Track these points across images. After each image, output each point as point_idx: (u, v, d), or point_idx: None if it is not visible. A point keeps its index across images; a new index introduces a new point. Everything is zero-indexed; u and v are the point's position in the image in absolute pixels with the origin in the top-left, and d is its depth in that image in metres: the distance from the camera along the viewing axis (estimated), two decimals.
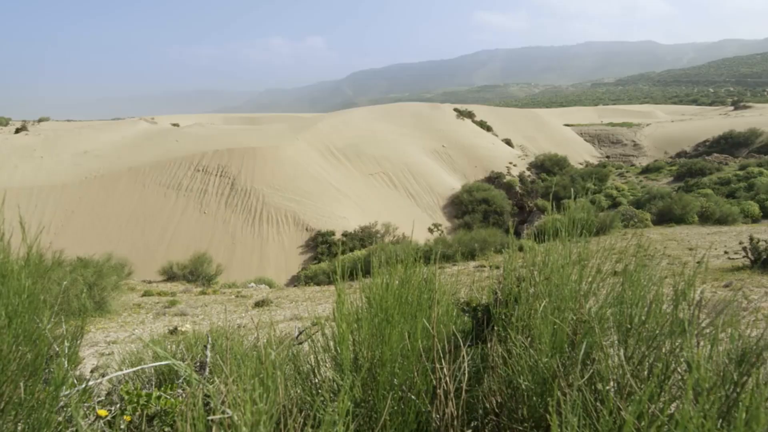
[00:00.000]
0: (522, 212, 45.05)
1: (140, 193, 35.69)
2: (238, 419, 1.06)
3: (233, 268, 27.59)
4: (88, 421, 2.44)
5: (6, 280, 1.53)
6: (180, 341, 3.83)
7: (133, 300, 15.58)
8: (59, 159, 40.21)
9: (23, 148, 42.28)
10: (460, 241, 21.58)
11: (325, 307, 13.61)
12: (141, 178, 37.11)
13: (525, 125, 68.67)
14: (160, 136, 48.37)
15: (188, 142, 44.34)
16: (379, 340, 1.64)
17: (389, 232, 32.83)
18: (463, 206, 42.00)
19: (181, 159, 38.90)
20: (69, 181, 36.21)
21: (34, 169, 37.78)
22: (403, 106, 66.72)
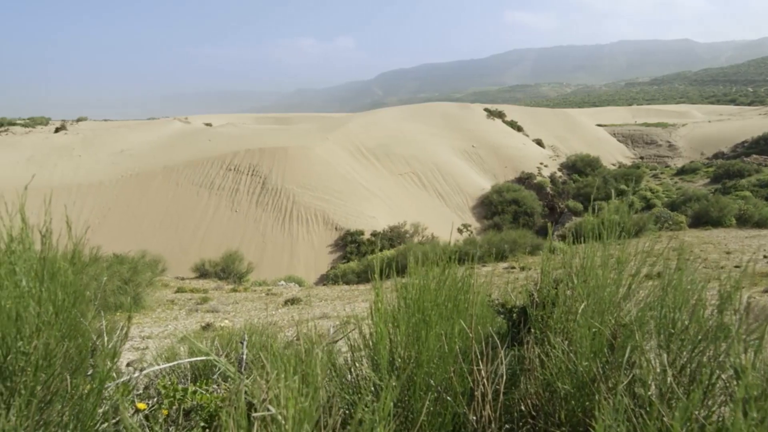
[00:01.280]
0: (553, 213, 44.49)
1: (174, 191, 36.37)
2: (281, 416, 1.07)
3: (264, 266, 27.90)
4: (128, 414, 2.49)
5: (54, 277, 1.58)
6: (214, 337, 3.88)
7: (167, 296, 15.88)
8: (97, 158, 41.24)
9: (62, 148, 43.51)
10: (489, 242, 21.42)
11: (354, 306, 13.66)
12: (175, 176, 37.82)
13: (556, 125, 67.78)
14: (193, 135, 49.21)
15: (220, 141, 45.01)
16: (416, 340, 1.64)
17: (418, 232, 32.77)
18: (493, 207, 41.68)
19: (214, 158, 39.51)
20: (106, 179, 37.12)
21: (73, 167, 38.82)
22: (433, 106, 66.53)
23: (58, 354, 1.61)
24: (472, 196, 43.77)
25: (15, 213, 1.65)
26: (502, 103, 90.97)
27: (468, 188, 44.60)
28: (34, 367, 1.50)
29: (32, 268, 1.54)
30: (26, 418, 1.38)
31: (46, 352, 1.56)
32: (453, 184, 44.58)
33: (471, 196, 43.77)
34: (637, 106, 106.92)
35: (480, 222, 40.93)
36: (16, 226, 1.61)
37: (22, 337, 1.49)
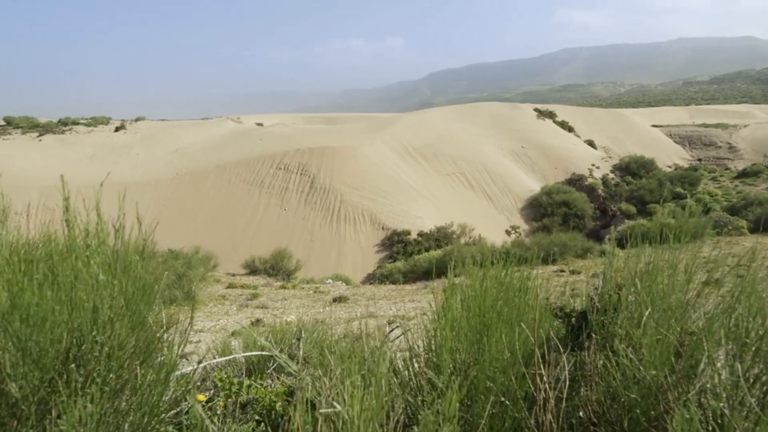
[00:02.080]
0: (604, 216, 43.33)
1: (226, 189, 37.27)
2: (346, 414, 1.08)
3: (311, 264, 28.23)
4: (188, 405, 2.57)
5: (126, 270, 1.64)
6: (268, 333, 3.95)
7: (218, 291, 16.27)
8: (153, 156, 42.69)
9: (122, 146, 45.26)
10: (538, 244, 21.07)
11: (400, 306, 13.65)
12: (227, 175, 38.75)
13: (609, 126, 65.93)
14: (245, 135, 50.28)
15: (271, 141, 45.84)
16: (476, 342, 1.63)
17: (465, 233, 32.51)
18: (542, 208, 40.94)
19: (264, 157, 40.27)
20: (161, 177, 38.36)
21: (132, 165, 40.30)
22: (482, 106, 65.87)
23: (128, 344, 1.68)
24: (520, 198, 43.13)
25: (91, 209, 1.72)
26: (552, 103, 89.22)
27: (516, 189, 43.96)
28: (106, 356, 1.57)
29: (106, 261, 1.60)
30: (100, 405, 1.44)
31: (118, 342, 1.62)
32: (501, 185, 44.03)
33: (519, 198, 43.12)
34: (695, 106, 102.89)
35: (528, 224, 40.29)
36: (92, 221, 1.68)
37: (97, 327, 1.55)
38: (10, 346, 1.38)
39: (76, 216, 1.62)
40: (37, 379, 1.45)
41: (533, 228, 38.76)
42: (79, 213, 1.67)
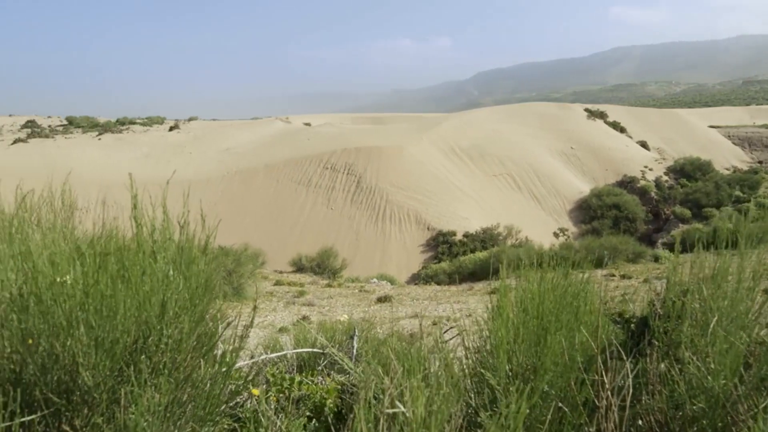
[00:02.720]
0: (657, 220, 41.96)
1: (274, 188, 37.94)
2: (410, 415, 1.09)
3: (356, 264, 28.40)
4: (243, 398, 2.63)
5: (190, 266, 1.69)
6: (319, 330, 3.99)
7: (266, 288, 16.57)
8: (205, 156, 43.85)
9: (175, 145, 46.68)
10: (587, 247, 20.58)
11: (446, 307, 13.59)
12: (275, 174, 39.43)
13: (663, 126, 63.73)
14: (294, 135, 51.04)
15: (319, 141, 46.38)
16: (534, 346, 1.60)
17: (512, 235, 32.09)
18: (592, 211, 39.99)
19: (312, 157, 40.78)
20: (213, 176, 39.36)
21: (184, 164, 41.49)
22: (530, 106, 64.83)
23: (191, 338, 1.73)
24: (569, 200, 42.24)
25: (147, 206, 1.78)
26: (603, 103, 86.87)
27: (565, 191, 43.08)
28: (171, 349, 1.62)
29: (172, 257, 1.66)
30: (166, 396, 1.50)
31: (182, 336, 1.68)
32: (549, 186, 43.24)
33: (568, 200, 42.25)
34: (756, 106, 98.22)
35: (577, 226, 39.43)
36: (157, 217, 1.75)
37: (164, 320, 1.61)
38: (83, 336, 1.45)
39: (143, 212, 1.68)
40: (107, 369, 1.51)
41: (582, 231, 37.90)
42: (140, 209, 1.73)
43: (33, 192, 2.13)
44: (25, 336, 1.47)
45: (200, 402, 1.73)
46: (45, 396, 1.48)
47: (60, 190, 2.28)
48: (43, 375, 1.52)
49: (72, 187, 2.40)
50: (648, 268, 17.83)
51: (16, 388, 1.50)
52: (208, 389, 1.74)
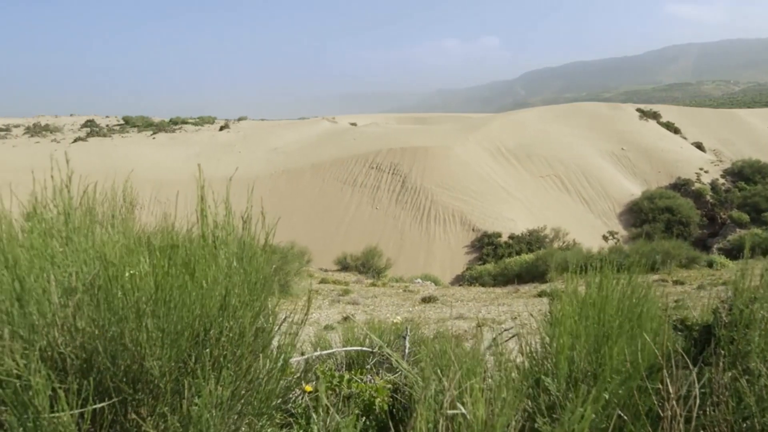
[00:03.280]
0: (712, 224, 40.37)
1: (320, 187, 38.38)
2: (472, 417, 1.08)
3: (400, 263, 28.41)
4: (294, 394, 2.67)
5: (251, 260, 1.73)
6: (368, 329, 4.01)
7: (312, 286, 16.77)
8: (254, 155, 44.75)
9: (225, 144, 47.81)
10: (638, 251, 20.00)
11: (491, 309, 13.46)
12: (321, 173, 39.88)
13: (720, 127, 61.24)
14: (339, 135, 51.49)
15: (364, 140, 46.64)
16: (595, 352, 1.57)
17: (559, 238, 31.51)
18: (643, 214, 38.84)
19: (357, 156, 41.05)
20: (261, 174, 40.09)
21: (234, 163, 42.42)
22: (580, 106, 63.40)
23: (249, 332, 1.77)
24: (619, 202, 41.16)
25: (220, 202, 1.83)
26: (657, 103, 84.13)
27: (615, 193, 41.99)
28: (232, 342, 1.67)
29: (234, 252, 1.70)
30: (228, 388, 1.54)
31: (242, 329, 1.72)
32: (599, 188, 42.22)
33: (618, 202, 41.17)
34: None
35: (627, 230, 38.37)
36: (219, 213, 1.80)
37: (227, 314, 1.65)
38: (151, 327, 1.50)
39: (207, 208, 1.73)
40: (172, 360, 1.56)
41: (632, 234, 36.87)
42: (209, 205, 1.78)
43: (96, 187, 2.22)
44: (98, 325, 1.53)
45: (258, 395, 1.76)
46: (113, 384, 1.55)
47: (122, 187, 2.36)
48: (113, 364, 1.58)
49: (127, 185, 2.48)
50: (702, 273, 17.22)
51: (88, 375, 1.57)
52: (265, 383, 1.78)
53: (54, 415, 1.36)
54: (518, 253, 27.58)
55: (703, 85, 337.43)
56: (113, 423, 1.60)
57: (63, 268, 1.60)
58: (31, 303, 1.48)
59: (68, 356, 1.55)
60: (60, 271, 1.60)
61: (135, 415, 1.51)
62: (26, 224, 1.72)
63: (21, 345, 1.43)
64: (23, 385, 1.39)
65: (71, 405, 1.38)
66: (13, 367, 1.37)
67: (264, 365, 1.79)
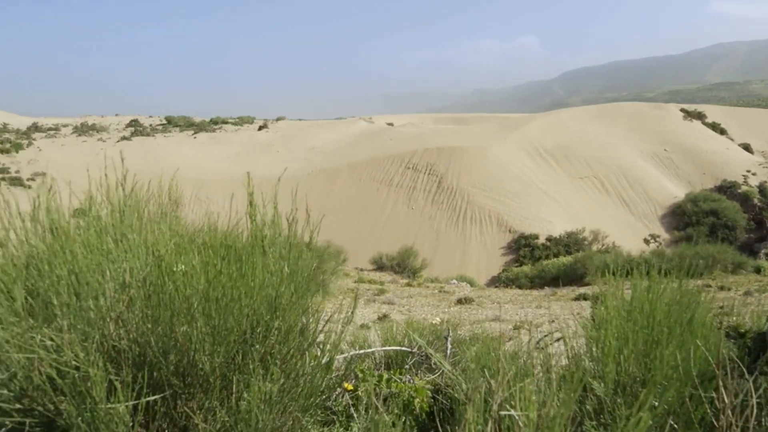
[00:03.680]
0: (760, 228, 38.95)
1: (357, 187, 38.57)
2: (523, 421, 1.07)
3: (436, 264, 28.33)
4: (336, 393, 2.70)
5: (298, 260, 1.76)
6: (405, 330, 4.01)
7: (348, 285, 16.86)
8: (292, 154, 45.27)
9: (264, 144, 48.50)
10: (681, 255, 19.47)
11: (528, 311, 13.30)
12: (358, 173, 40.07)
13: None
14: (376, 135, 51.64)
15: (401, 140, 46.66)
16: (644, 357, 1.53)
17: (598, 240, 30.91)
18: (686, 217, 37.76)
19: (394, 156, 41.10)
20: (298, 174, 40.51)
21: (272, 162, 43.01)
22: (620, 106, 62.00)
23: (295, 330, 1.80)
24: (661, 205, 40.12)
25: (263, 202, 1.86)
26: (701, 103, 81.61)
27: (657, 196, 40.95)
28: (279, 340, 1.70)
29: (281, 252, 1.73)
30: (276, 385, 1.56)
31: (287, 328, 1.75)
32: (640, 190, 41.26)
33: (660, 205, 40.14)
34: None
35: (669, 233, 37.36)
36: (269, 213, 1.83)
37: (276, 312, 1.68)
38: (202, 323, 1.54)
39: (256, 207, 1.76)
40: (222, 356, 1.60)
41: (675, 238, 35.90)
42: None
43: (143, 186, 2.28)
44: (150, 320, 1.58)
45: (303, 392, 1.79)
46: (165, 378, 1.59)
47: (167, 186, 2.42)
48: (164, 358, 1.62)
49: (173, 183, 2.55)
50: (749, 279, 16.64)
51: (141, 369, 1.62)
52: (309, 380, 1.80)
53: (110, 406, 1.41)
54: (556, 256, 27.20)
55: (751, 84, 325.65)
56: (164, 415, 1.65)
57: (117, 264, 1.65)
58: (88, 297, 1.54)
59: (122, 349, 1.60)
60: (114, 267, 1.66)
61: (187, 409, 1.55)
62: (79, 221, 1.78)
63: (79, 337, 1.48)
64: (81, 375, 1.44)
65: (126, 397, 1.42)
66: (72, 358, 1.42)
67: (309, 362, 1.81)
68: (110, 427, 1.43)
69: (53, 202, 1.62)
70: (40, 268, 1.52)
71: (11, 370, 1.46)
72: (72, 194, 1.77)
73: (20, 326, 1.43)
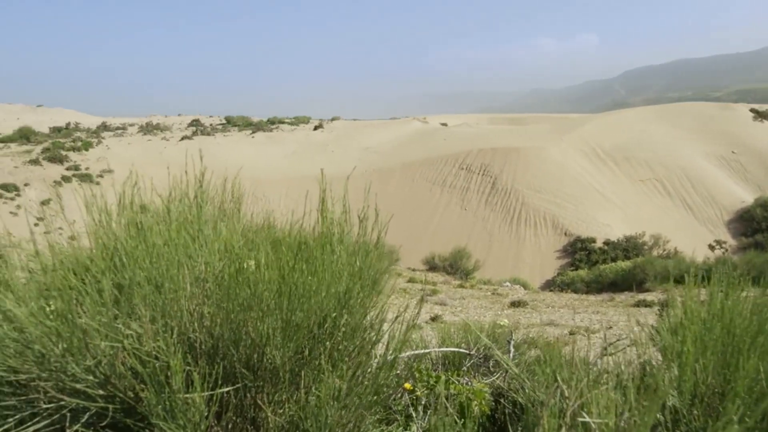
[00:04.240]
0: None
1: (410, 187, 38.61)
2: (601, 429, 1.05)
3: (488, 266, 28.04)
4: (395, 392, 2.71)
5: (366, 258, 1.78)
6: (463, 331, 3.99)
7: (400, 285, 16.90)
8: (347, 154, 45.74)
9: (319, 144, 49.22)
10: (749, 263, 18.55)
11: (583, 317, 13.00)
12: (411, 173, 40.12)
13: None
14: (430, 135, 51.54)
15: (455, 141, 46.39)
16: (723, 369, 1.47)
17: (658, 245, 29.84)
18: (756, 223, 35.98)
19: (447, 157, 40.92)
20: (353, 173, 40.95)
21: (327, 161, 43.55)
22: (685, 106, 59.60)
23: (361, 327, 1.82)
24: (728, 210, 38.38)
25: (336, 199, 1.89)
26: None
27: (723, 200, 39.19)
28: (347, 337, 1.72)
29: (351, 249, 1.76)
30: (345, 382, 1.59)
31: (355, 325, 1.77)
32: (704, 194, 39.58)
33: (727, 210, 38.39)
34: None
35: (737, 239, 35.69)
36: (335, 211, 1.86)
37: (346, 309, 1.71)
38: (275, 318, 1.59)
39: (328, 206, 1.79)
40: (292, 351, 1.64)
41: (742, 244, 34.26)
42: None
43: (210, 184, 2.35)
44: (224, 313, 1.63)
45: (368, 390, 1.81)
46: (238, 371, 1.64)
47: (231, 184, 2.50)
48: (236, 350, 1.68)
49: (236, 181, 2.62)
50: None
51: (213, 360, 1.68)
52: (375, 378, 1.82)
53: (188, 396, 1.47)
54: (614, 260, 26.47)
55: None
56: (234, 407, 1.70)
57: (194, 258, 1.72)
58: (168, 290, 1.61)
59: (197, 341, 1.67)
60: (191, 261, 1.72)
61: (258, 402, 1.60)
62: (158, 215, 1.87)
63: (160, 328, 1.55)
64: (161, 365, 1.50)
65: (203, 388, 1.48)
66: (154, 348, 1.48)
67: (374, 360, 1.83)
68: (187, 416, 1.49)
69: (137, 198, 1.70)
70: (124, 261, 1.60)
71: (97, 357, 1.54)
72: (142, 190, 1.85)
73: (107, 316, 1.51)
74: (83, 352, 1.52)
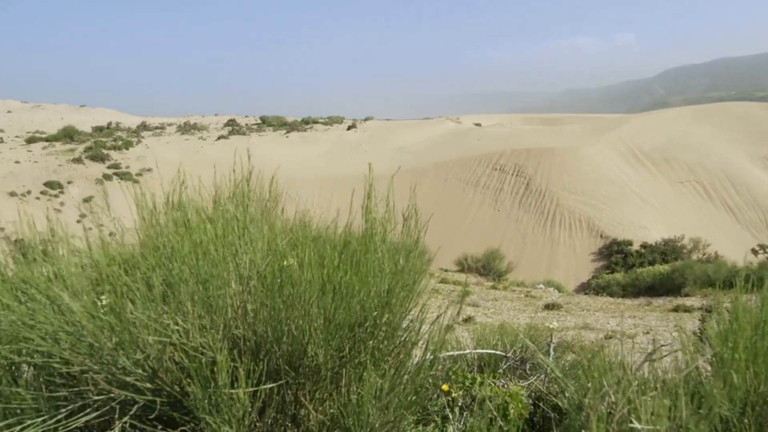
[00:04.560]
0: None
1: (443, 187, 38.49)
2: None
3: (521, 267, 27.76)
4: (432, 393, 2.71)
5: (408, 258, 1.79)
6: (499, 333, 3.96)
7: (432, 285, 16.84)
8: (380, 154, 45.85)
9: (353, 144, 49.47)
10: None
11: (619, 321, 12.76)
12: (444, 173, 39.98)
13: None
14: (463, 135, 51.28)
15: (488, 141, 46.06)
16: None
17: (698, 249, 29.03)
18: None
19: (481, 157, 40.65)
20: (385, 173, 40.79)
21: (360, 161, 43.79)
22: (727, 107, 57.94)
23: (401, 327, 1.83)
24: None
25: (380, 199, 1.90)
26: None
27: (767, 203, 37.99)
28: (387, 336, 1.73)
29: (393, 249, 1.77)
30: (387, 381, 1.60)
31: (395, 324, 1.78)
32: (747, 196, 38.41)
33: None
34: None
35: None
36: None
37: (388, 308, 1.72)
38: (318, 316, 1.60)
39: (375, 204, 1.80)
40: (333, 349, 1.65)
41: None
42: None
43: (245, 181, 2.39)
44: (267, 310, 1.66)
45: (407, 389, 1.81)
46: (281, 368, 1.67)
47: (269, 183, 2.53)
48: (278, 347, 1.70)
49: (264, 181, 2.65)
50: None
51: (257, 357, 1.71)
52: (414, 378, 1.82)
53: (233, 391, 1.50)
54: (651, 264, 25.89)
55: None
56: (276, 403, 1.73)
57: (239, 256, 1.75)
58: (214, 287, 1.64)
59: (241, 338, 1.70)
60: (236, 259, 1.75)
61: (302, 398, 1.62)
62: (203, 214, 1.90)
63: (207, 324, 1.59)
64: (207, 360, 1.54)
65: (248, 383, 1.50)
66: (201, 344, 1.52)
67: (413, 360, 1.84)
68: (232, 411, 1.52)
69: (184, 196, 1.74)
70: (172, 258, 1.64)
71: (146, 352, 1.58)
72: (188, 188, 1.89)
73: (156, 311, 1.55)
74: (133, 347, 1.57)
